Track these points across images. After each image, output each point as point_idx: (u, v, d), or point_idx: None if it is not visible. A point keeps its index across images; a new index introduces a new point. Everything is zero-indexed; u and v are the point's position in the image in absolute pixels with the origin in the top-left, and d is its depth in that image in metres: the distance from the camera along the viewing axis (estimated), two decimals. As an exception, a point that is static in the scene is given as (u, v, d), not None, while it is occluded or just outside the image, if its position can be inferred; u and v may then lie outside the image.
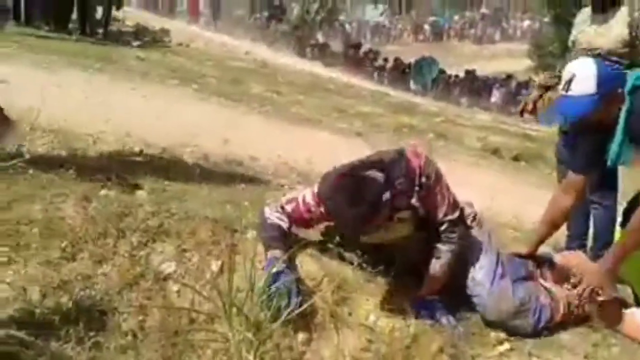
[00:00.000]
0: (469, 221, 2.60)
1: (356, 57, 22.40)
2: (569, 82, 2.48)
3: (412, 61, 21.09)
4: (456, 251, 2.45)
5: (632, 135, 2.49)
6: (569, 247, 3.63)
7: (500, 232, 3.44)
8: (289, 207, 2.43)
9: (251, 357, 2.03)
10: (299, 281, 2.28)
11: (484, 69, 21.90)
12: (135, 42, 10.03)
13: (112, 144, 3.59)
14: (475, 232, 2.62)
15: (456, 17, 35.72)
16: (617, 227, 3.10)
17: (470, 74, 20.76)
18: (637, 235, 2.48)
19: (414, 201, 2.33)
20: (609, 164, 2.58)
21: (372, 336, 2.28)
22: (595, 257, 3.02)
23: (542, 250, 2.87)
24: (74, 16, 9.45)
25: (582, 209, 3.48)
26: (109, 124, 3.89)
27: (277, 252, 2.29)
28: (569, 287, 2.68)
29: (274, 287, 2.16)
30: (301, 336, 2.24)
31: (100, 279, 2.19)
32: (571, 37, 3.91)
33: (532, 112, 11.77)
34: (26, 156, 2.67)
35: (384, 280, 2.46)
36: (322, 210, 2.33)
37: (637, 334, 2.60)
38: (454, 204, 2.45)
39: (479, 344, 2.41)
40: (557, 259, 2.89)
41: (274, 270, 2.21)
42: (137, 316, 2.13)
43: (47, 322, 1.97)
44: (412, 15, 37.26)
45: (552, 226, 2.80)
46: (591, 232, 3.72)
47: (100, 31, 9.68)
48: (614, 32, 3.66)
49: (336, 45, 24.48)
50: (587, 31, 3.75)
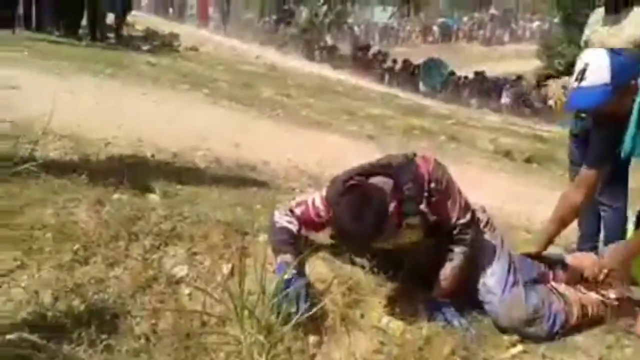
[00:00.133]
0: (482, 225, 2.59)
1: (365, 59, 22.37)
2: (582, 72, 2.44)
3: (421, 63, 21.06)
4: (468, 253, 2.44)
5: None
6: (580, 248, 3.61)
7: (512, 234, 3.43)
8: (298, 210, 2.42)
9: (263, 360, 2.04)
10: (308, 285, 2.28)
11: (493, 70, 21.77)
12: (145, 46, 10.09)
13: (123, 148, 3.61)
14: (487, 236, 2.60)
15: (465, 19, 35.56)
16: (630, 226, 3.07)
17: (479, 75, 20.68)
18: None
19: (423, 207, 2.31)
20: (623, 156, 2.52)
21: (384, 338, 2.27)
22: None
23: (554, 251, 2.85)
24: (84, 22, 9.51)
25: (592, 207, 3.45)
26: (120, 129, 3.92)
27: (288, 257, 2.28)
28: (581, 289, 2.67)
29: (283, 294, 2.16)
30: (312, 339, 2.23)
31: (112, 283, 2.20)
32: (584, 37, 3.88)
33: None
34: (38, 160, 2.69)
35: (396, 283, 2.46)
36: (331, 214, 2.32)
37: (650, 336, 2.58)
38: (465, 207, 2.44)
39: (492, 346, 2.40)
40: (569, 260, 2.87)
41: (285, 276, 2.20)
42: (149, 319, 2.13)
43: (59, 325, 1.97)
44: (420, 16, 37.16)
45: (561, 224, 2.77)
46: (602, 235, 3.70)
47: (111, 36, 9.74)
48: (626, 32, 3.63)
49: (345, 47, 24.44)
50: (599, 31, 3.73)
